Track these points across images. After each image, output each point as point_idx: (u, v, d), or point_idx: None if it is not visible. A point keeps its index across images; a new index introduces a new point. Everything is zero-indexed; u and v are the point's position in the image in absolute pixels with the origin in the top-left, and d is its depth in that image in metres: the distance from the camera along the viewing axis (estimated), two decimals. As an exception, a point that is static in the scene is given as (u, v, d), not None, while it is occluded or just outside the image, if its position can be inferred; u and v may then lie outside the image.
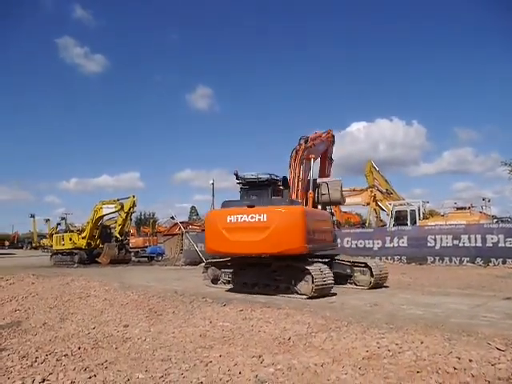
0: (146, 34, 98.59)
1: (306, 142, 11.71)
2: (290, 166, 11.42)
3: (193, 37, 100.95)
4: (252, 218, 9.31)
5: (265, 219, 9.18)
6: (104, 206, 25.86)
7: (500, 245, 15.22)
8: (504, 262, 14.96)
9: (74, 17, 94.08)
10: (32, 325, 7.26)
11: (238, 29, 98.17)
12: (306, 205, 10.98)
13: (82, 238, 26.60)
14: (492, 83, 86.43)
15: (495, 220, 21.34)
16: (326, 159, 13.58)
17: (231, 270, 10.99)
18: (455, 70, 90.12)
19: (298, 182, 11.10)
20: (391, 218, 22.82)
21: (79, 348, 5.41)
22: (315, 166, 12.34)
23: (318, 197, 11.65)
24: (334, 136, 13.70)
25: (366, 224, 30.16)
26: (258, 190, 10.64)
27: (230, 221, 9.52)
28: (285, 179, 10.71)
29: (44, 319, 7.60)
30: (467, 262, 15.83)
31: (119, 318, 7.28)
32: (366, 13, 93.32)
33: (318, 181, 12.07)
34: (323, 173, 13.40)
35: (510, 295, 8.72)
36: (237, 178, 10.59)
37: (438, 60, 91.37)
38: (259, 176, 10.59)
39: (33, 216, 55.10)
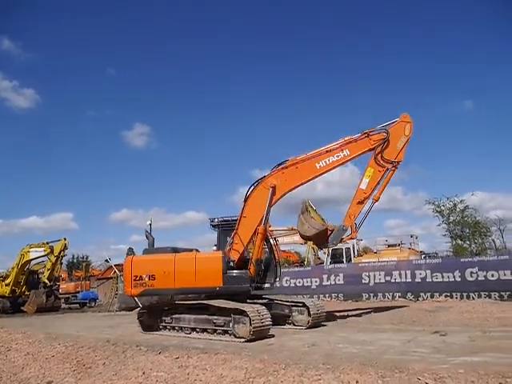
0: (82, 68, 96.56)
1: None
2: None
3: (131, 72, 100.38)
4: None
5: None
6: (32, 249, 24.34)
7: (428, 280, 16.06)
8: (432, 296, 15.75)
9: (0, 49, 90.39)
10: None
11: (177, 65, 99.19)
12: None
13: (6, 285, 24.67)
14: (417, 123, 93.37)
15: (423, 256, 22.59)
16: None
17: (168, 316, 10.64)
18: (382, 109, 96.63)
19: (239, 219, 10.89)
20: (328, 256, 23.38)
21: (-6, 411, 4.92)
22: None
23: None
24: None
25: (305, 262, 30.61)
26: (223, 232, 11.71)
27: None
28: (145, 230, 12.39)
29: (-45, 380, 6.84)
30: (399, 297, 16.49)
31: (42, 373, 6.72)
32: (304, 50, 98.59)
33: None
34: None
35: (438, 329, 9.14)
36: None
37: (366, 97, 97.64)
38: (233, 218, 11.20)
39: (-50, 261, 50.45)
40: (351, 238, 11.82)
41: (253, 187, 10.88)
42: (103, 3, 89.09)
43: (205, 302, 9.86)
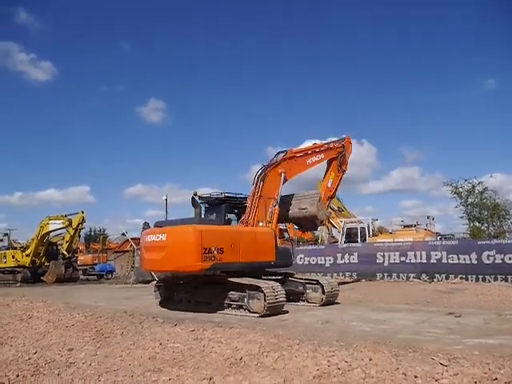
0: (97, 42, 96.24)
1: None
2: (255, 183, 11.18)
3: (145, 47, 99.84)
4: (157, 237, 10.01)
5: (164, 239, 9.83)
6: (51, 221, 24.82)
7: (443, 261, 15.96)
8: (447, 278, 15.68)
9: (17, 21, 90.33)
10: (-34, 351, 6.76)
11: (192, 41, 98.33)
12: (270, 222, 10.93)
13: (26, 256, 25.33)
14: (434, 105, 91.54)
15: (439, 237, 22.38)
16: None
17: (184, 289, 10.82)
18: (402, 93, 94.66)
19: (258, 198, 10.99)
20: (342, 235, 23.34)
21: (18, 375, 5.09)
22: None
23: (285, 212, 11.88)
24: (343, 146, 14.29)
25: (319, 241, 30.68)
26: (215, 208, 10.91)
27: (147, 240, 10.44)
28: (193, 198, 10.95)
29: (-20, 344, 7.10)
30: (413, 277, 16.46)
31: (63, 341, 6.91)
32: (311, 30, 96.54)
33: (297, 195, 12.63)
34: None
35: (453, 311, 9.12)
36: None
37: (386, 81, 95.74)
38: (212, 195, 10.85)
39: (-28, 232, 51.84)
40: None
41: (264, 171, 11.21)
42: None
43: (221, 277, 9.98)
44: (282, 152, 11.83)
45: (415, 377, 4.30)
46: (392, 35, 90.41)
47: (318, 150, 13.19)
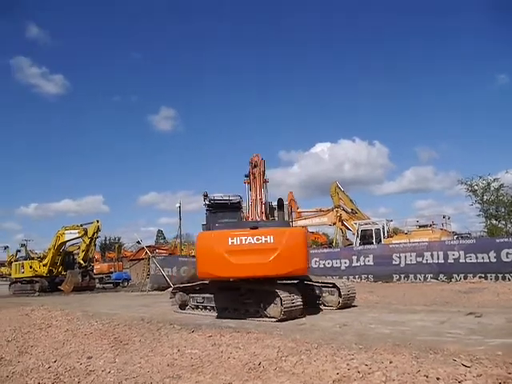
0: (108, 52, 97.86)
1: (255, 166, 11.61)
2: (250, 189, 11.34)
3: (156, 56, 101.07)
4: (258, 239, 9.08)
5: (271, 241, 9.05)
6: (66, 231, 25.12)
7: (461, 261, 15.73)
8: (465, 278, 15.45)
9: (28, 36, 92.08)
10: (-12, 360, 6.85)
11: (202, 48, 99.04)
12: None
13: (43, 266, 25.64)
14: (448, 104, 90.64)
15: (456, 236, 22.09)
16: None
17: (199, 295, 10.83)
18: (411, 90, 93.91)
19: (261, 204, 11.09)
20: (357, 237, 23.21)
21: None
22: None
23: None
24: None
25: (333, 244, 30.50)
26: (228, 211, 10.86)
27: (232, 243, 9.10)
28: (280, 200, 10.74)
29: (1, 354, 7.18)
30: (431, 278, 16.26)
31: (82, 349, 6.97)
32: (324, 32, 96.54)
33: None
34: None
35: (473, 310, 8.96)
36: (206, 200, 10.66)
37: (397, 81, 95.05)
38: (230, 198, 10.85)
39: (-10, 243, 52.67)
40: None
41: None
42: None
43: (236, 282, 9.96)
44: None
45: (437, 379, 4.22)
46: (403, 34, 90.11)
47: None
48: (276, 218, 10.80)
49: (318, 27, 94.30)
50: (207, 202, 10.99)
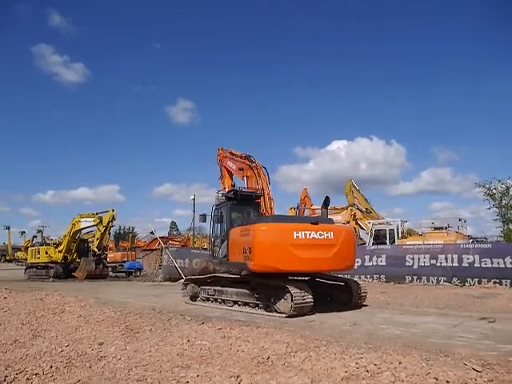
0: (128, 42, 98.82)
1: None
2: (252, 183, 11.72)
3: (175, 47, 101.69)
4: (321, 235, 9.27)
5: (331, 237, 9.36)
6: (82, 219, 25.45)
7: (476, 265, 15.48)
8: (480, 282, 15.20)
9: (52, 24, 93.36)
10: (2, 342, 6.99)
11: (222, 42, 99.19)
12: None
13: (59, 252, 26.06)
14: (470, 105, 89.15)
15: (471, 240, 21.74)
16: None
17: (211, 288, 10.89)
18: (432, 91, 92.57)
19: (269, 199, 11.32)
20: (370, 236, 23.02)
21: (51, 367, 5.23)
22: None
23: None
24: None
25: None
26: (252, 205, 11.01)
27: (298, 237, 9.14)
28: (327, 198, 10.84)
29: (15, 336, 7.33)
30: (444, 281, 16.05)
31: (94, 335, 7.08)
32: (345, 32, 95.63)
33: None
34: None
35: (486, 315, 8.83)
36: (234, 192, 10.82)
37: (416, 81, 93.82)
38: (257, 192, 11.04)
39: (8, 228, 53.93)
40: None
41: None
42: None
43: (247, 276, 10.00)
44: None
45: (447, 382, 4.19)
46: (425, 35, 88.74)
47: None
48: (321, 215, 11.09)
49: (337, 26, 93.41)
50: (231, 195, 11.02)
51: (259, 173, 12.54)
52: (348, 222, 28.47)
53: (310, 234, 9.16)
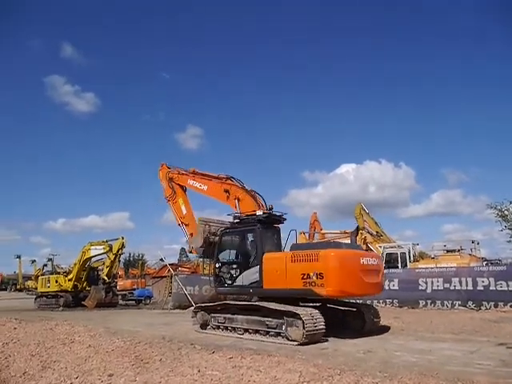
0: (137, 73, 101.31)
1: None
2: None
3: (183, 76, 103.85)
4: (374, 261, 10.10)
5: (377, 263, 10.23)
6: (92, 247, 25.45)
7: (491, 288, 15.13)
8: (496, 306, 14.82)
9: (63, 55, 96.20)
10: (12, 374, 6.94)
11: (229, 68, 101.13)
12: None
13: (69, 280, 25.97)
14: (479, 124, 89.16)
15: (485, 262, 21.37)
16: None
17: (221, 315, 10.76)
18: (440, 113, 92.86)
19: None
20: (382, 260, 22.73)
21: (60, 400, 5.16)
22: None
23: None
24: None
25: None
26: (275, 228, 11.33)
27: (363, 263, 9.70)
28: (358, 227, 11.42)
29: (24, 368, 7.27)
30: (459, 305, 15.67)
31: (104, 366, 6.99)
32: (352, 52, 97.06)
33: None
34: None
35: (504, 341, 8.59)
36: (268, 215, 10.94)
37: (424, 102, 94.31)
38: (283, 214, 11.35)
39: (19, 257, 53.91)
40: None
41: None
42: (157, 10, 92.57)
43: (257, 303, 9.87)
44: None
45: (467, 412, 4.05)
46: (431, 57, 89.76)
47: None
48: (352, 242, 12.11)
49: (347, 46, 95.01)
50: (262, 217, 10.77)
51: (254, 195, 12.27)
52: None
53: (368, 260, 9.90)
